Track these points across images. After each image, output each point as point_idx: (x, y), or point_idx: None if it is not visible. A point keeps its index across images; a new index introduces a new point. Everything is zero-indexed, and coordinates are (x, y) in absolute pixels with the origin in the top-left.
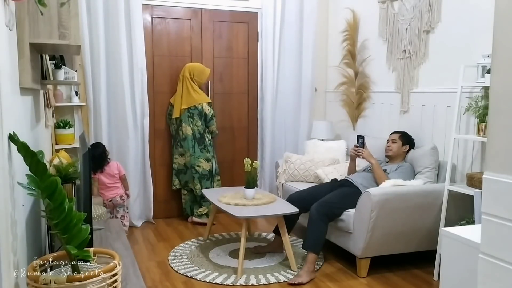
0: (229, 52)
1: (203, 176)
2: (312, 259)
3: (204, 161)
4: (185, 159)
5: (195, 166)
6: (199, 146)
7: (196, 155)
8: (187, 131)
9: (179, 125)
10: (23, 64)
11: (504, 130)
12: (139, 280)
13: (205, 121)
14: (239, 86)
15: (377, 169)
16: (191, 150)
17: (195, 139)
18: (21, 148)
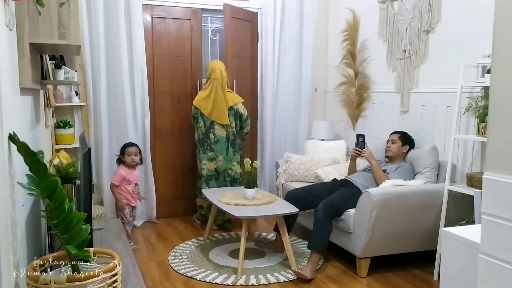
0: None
1: (235, 180)
2: (316, 259)
3: (236, 164)
4: (216, 163)
5: (227, 170)
6: (232, 149)
7: (229, 158)
8: (220, 134)
9: (211, 127)
10: (23, 64)
11: (504, 130)
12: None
13: (240, 122)
14: (245, 86)
15: (377, 169)
16: (225, 153)
17: (228, 141)
18: (21, 148)
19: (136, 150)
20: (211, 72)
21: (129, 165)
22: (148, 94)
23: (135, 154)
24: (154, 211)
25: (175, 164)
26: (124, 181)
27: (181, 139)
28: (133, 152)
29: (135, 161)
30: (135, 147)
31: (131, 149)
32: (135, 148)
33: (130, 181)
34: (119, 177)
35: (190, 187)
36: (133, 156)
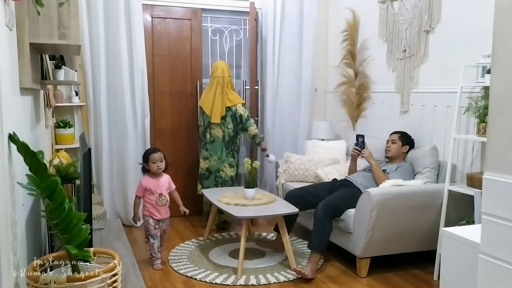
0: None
1: (224, 183)
2: (316, 259)
3: (228, 166)
4: (209, 163)
5: (219, 170)
6: (226, 150)
7: (222, 159)
8: (217, 134)
9: (208, 127)
10: (23, 64)
11: (504, 130)
12: (139, 280)
13: (241, 123)
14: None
15: (377, 169)
16: (219, 153)
17: (224, 142)
18: (21, 148)
19: (161, 156)
20: (213, 70)
21: (155, 173)
22: (148, 94)
23: (161, 160)
24: None
25: (175, 164)
26: (146, 191)
27: (181, 139)
28: (158, 158)
29: (161, 168)
30: (159, 153)
31: (155, 156)
32: (159, 154)
33: (152, 191)
34: (140, 187)
35: (191, 187)
36: (159, 162)
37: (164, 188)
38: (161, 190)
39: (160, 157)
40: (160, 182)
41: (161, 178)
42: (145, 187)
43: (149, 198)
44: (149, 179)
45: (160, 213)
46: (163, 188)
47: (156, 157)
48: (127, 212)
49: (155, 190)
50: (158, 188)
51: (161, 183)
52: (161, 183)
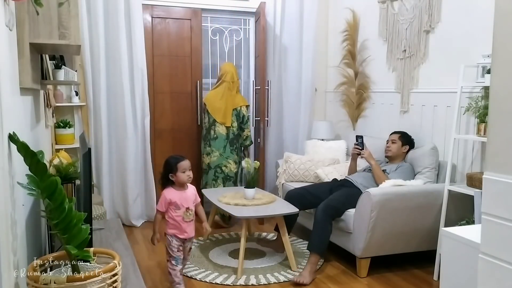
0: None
1: (228, 178)
2: (315, 260)
3: (232, 162)
4: (210, 159)
5: (221, 166)
6: (231, 147)
7: (225, 155)
8: (220, 131)
9: (213, 124)
10: (23, 64)
11: (504, 130)
12: (139, 280)
13: (241, 123)
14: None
15: (377, 170)
16: (222, 149)
17: (228, 139)
18: (21, 148)
19: (189, 164)
20: (223, 74)
21: (181, 183)
22: (148, 94)
23: (189, 169)
24: (154, 211)
25: None
26: (171, 205)
27: (181, 139)
28: (188, 166)
29: (191, 177)
30: (187, 160)
31: (185, 164)
32: (188, 162)
33: (178, 205)
34: (164, 201)
35: None
36: (188, 171)
37: (191, 201)
38: (188, 203)
39: (189, 165)
40: (187, 194)
41: (187, 189)
42: (170, 201)
43: (173, 214)
44: (174, 191)
45: (185, 231)
46: (190, 201)
47: (186, 165)
48: (127, 212)
49: (181, 204)
50: (185, 201)
51: (188, 195)
52: (188, 196)
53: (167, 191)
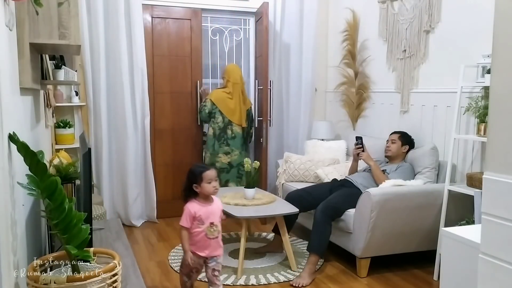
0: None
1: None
2: (315, 261)
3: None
4: (231, 157)
5: (242, 163)
6: (246, 146)
7: (244, 153)
8: (237, 130)
9: (229, 124)
10: (23, 64)
11: (504, 130)
12: (139, 280)
13: (250, 123)
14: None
15: (376, 170)
16: (240, 148)
17: (243, 137)
18: (21, 148)
19: (216, 173)
20: (230, 75)
21: (207, 195)
22: (148, 94)
23: (216, 179)
24: (154, 211)
25: (175, 164)
26: (195, 219)
27: (181, 139)
28: (214, 176)
29: (218, 188)
30: (213, 169)
31: (211, 173)
32: (214, 171)
33: (203, 220)
34: (188, 215)
35: None
36: (214, 182)
37: (217, 215)
38: (214, 218)
39: (215, 175)
40: (213, 207)
41: (212, 202)
42: (194, 215)
43: (196, 229)
44: (198, 204)
45: (207, 248)
46: (216, 215)
47: (212, 175)
48: (127, 212)
49: (206, 219)
50: (211, 215)
51: (214, 209)
52: (213, 209)
53: (191, 204)
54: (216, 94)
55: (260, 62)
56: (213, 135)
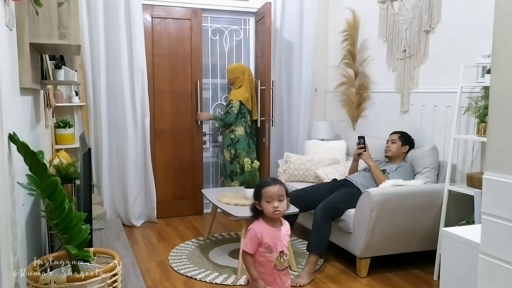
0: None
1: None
2: (314, 261)
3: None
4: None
5: None
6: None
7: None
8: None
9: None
10: (23, 64)
11: (504, 130)
12: (139, 280)
13: None
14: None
15: (376, 170)
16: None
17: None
18: (21, 148)
19: (281, 191)
20: (242, 72)
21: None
22: (148, 94)
23: (280, 199)
24: (154, 211)
25: (175, 164)
26: (261, 245)
27: (181, 139)
28: (276, 194)
29: (280, 211)
30: (278, 186)
31: (271, 190)
32: (279, 187)
33: (271, 247)
34: (253, 238)
35: (191, 187)
36: (276, 201)
37: (285, 242)
38: (282, 245)
39: (280, 193)
40: (281, 232)
41: (281, 226)
42: (260, 239)
43: (263, 258)
44: (265, 225)
45: (276, 283)
46: (284, 242)
47: (272, 192)
48: (127, 212)
49: (274, 246)
50: (279, 242)
51: (282, 234)
52: (282, 235)
53: (257, 225)
54: (239, 94)
55: (261, 62)
56: (246, 134)
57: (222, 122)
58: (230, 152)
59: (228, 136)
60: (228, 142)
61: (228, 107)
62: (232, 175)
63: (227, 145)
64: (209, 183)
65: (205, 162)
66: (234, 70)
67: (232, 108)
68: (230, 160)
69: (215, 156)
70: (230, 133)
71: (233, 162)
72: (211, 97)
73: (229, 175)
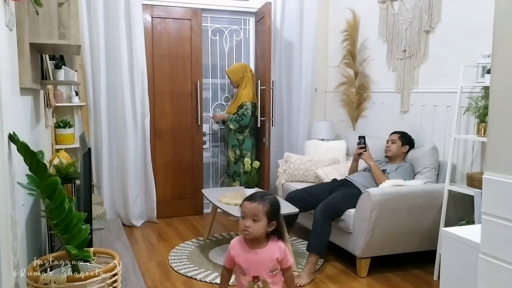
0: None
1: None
2: (314, 260)
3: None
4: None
5: None
6: None
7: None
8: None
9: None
10: (23, 64)
11: (504, 130)
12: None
13: None
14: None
15: (376, 170)
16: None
17: None
18: (21, 148)
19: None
20: (244, 70)
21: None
22: (148, 94)
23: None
24: (154, 211)
25: (175, 164)
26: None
27: (181, 139)
28: (250, 212)
29: (248, 232)
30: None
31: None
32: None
33: (243, 269)
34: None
35: (190, 187)
36: (249, 220)
37: (264, 267)
38: (258, 270)
39: (254, 212)
40: (259, 256)
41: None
42: (232, 257)
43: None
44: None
45: None
46: (262, 267)
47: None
48: (127, 212)
49: (247, 269)
50: (254, 266)
51: (261, 258)
52: (260, 259)
53: (236, 241)
54: (249, 94)
55: (261, 62)
56: (250, 134)
57: (238, 124)
58: (235, 152)
59: (235, 136)
60: (233, 142)
61: (243, 109)
62: (235, 176)
63: (231, 146)
64: (209, 183)
65: (205, 162)
66: (237, 71)
67: (247, 110)
68: (235, 160)
69: (215, 156)
70: (236, 134)
71: (237, 163)
72: (211, 97)
73: (232, 175)
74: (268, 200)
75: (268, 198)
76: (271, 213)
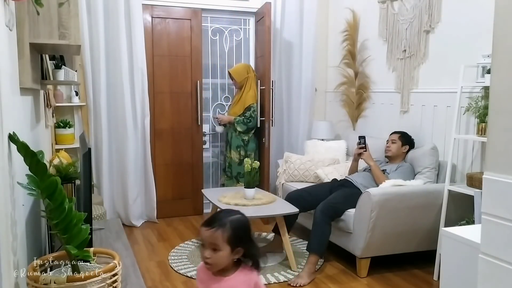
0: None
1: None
2: (314, 260)
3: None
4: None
5: None
6: None
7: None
8: None
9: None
10: (23, 64)
11: (504, 130)
12: (139, 280)
13: None
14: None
15: (376, 170)
16: None
17: None
18: (21, 148)
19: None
20: (247, 71)
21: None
22: (148, 94)
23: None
24: (154, 211)
25: (175, 164)
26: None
27: (181, 139)
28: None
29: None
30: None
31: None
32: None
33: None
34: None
35: (190, 187)
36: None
37: None
38: None
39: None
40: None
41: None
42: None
43: None
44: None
45: None
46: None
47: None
48: (127, 212)
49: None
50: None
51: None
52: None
53: (199, 267)
54: (253, 95)
55: (261, 62)
56: (253, 135)
57: (245, 126)
58: (240, 153)
59: (240, 137)
60: (238, 143)
61: (250, 111)
62: (238, 177)
63: (236, 147)
64: (209, 183)
65: (205, 162)
66: (241, 71)
67: (254, 112)
68: (239, 161)
69: (215, 156)
70: (241, 134)
71: (241, 164)
72: (211, 97)
73: (236, 176)
74: (229, 223)
75: (230, 221)
76: (234, 239)
